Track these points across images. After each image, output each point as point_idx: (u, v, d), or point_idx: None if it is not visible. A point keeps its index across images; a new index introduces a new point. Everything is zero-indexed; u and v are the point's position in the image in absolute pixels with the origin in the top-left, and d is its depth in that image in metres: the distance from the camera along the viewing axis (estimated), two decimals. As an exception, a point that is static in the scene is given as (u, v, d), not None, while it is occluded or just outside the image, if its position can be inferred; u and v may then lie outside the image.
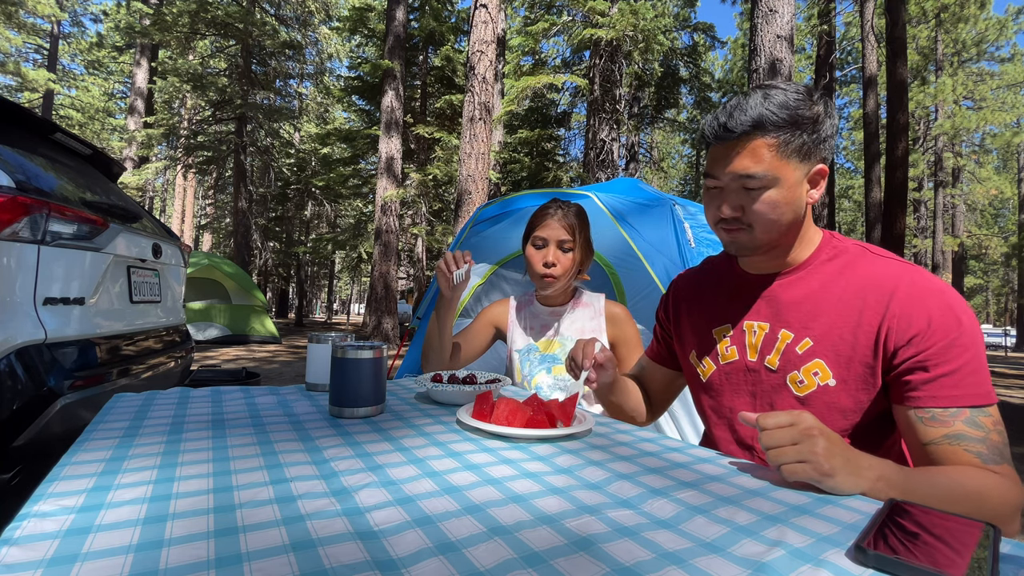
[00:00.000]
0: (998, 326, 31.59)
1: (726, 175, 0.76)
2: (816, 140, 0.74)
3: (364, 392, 0.81)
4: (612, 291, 2.38)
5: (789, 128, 0.72)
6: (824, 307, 0.78)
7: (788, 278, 0.83)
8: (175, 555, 0.36)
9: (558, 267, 1.31)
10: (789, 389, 0.79)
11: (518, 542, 0.41)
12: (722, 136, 0.75)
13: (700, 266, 1.03)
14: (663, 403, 1.11)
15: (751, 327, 0.85)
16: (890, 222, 7.57)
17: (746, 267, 0.89)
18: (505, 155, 11.75)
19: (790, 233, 0.79)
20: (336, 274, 26.29)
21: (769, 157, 0.73)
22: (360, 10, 12.26)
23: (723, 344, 0.88)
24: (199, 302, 8.36)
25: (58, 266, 1.52)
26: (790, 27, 4.80)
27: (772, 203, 0.74)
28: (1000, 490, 0.63)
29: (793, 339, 0.79)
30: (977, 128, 16.52)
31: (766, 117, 0.72)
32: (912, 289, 0.72)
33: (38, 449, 1.36)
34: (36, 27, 19.41)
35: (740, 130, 0.73)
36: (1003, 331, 23.21)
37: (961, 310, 0.69)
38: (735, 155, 0.74)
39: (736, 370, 0.86)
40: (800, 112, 0.73)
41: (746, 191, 0.75)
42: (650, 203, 2.22)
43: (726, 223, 0.79)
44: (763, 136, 0.72)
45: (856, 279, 0.76)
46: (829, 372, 0.76)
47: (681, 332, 0.99)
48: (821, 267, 0.81)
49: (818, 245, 0.82)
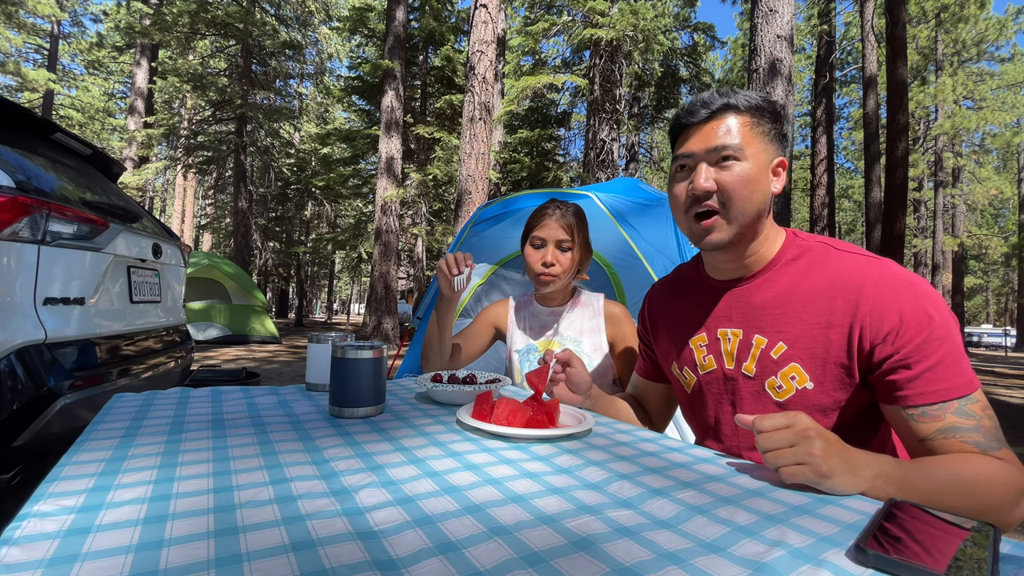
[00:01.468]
0: (998, 326, 31.59)
1: (703, 149, 0.79)
2: (779, 132, 0.81)
3: (364, 392, 0.81)
4: (612, 291, 2.38)
5: (757, 112, 0.80)
6: (794, 308, 0.78)
7: (755, 281, 0.83)
8: (175, 555, 0.36)
9: (556, 267, 1.32)
10: (768, 395, 0.80)
11: (518, 542, 0.41)
12: (697, 113, 0.81)
13: (671, 275, 1.03)
14: (664, 416, 1.10)
15: (725, 334, 0.85)
16: (890, 222, 7.57)
17: (713, 273, 0.90)
18: (505, 155, 11.75)
19: (757, 223, 0.80)
20: (336, 274, 26.29)
21: (742, 132, 0.78)
22: (360, 10, 12.26)
23: (700, 354, 0.89)
24: (199, 302, 8.37)
25: (58, 266, 1.52)
26: (790, 27, 4.80)
27: (746, 177, 0.77)
28: (1001, 476, 0.63)
29: (767, 344, 0.80)
30: (977, 128, 16.53)
31: (738, 99, 0.80)
32: (880, 285, 0.72)
33: (38, 449, 1.36)
34: (36, 27, 19.40)
35: (716, 105, 0.80)
36: (1003, 331, 23.21)
37: (930, 302, 0.70)
38: (711, 130, 0.79)
39: (715, 379, 0.87)
40: (765, 103, 0.81)
41: (720, 166, 0.78)
42: (650, 203, 2.22)
43: (698, 204, 0.80)
44: (736, 114, 0.79)
45: (823, 278, 0.77)
46: (806, 375, 0.76)
47: (661, 344, 0.99)
48: (786, 267, 0.81)
49: (781, 245, 0.83)
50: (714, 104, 0.80)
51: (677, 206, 0.84)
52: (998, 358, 16.66)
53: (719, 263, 0.87)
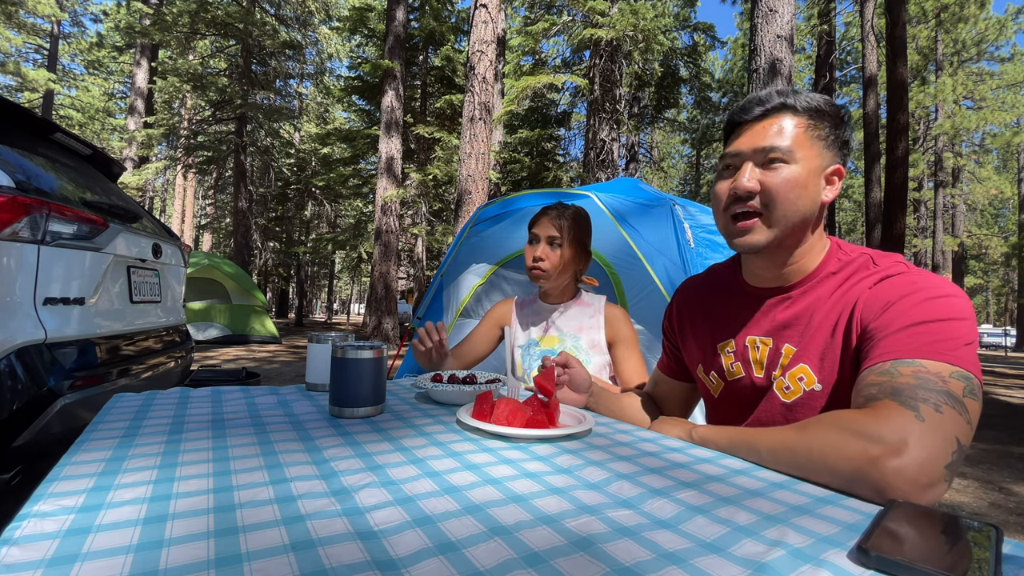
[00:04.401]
0: (998, 326, 31.57)
1: (751, 148, 0.75)
2: (838, 138, 0.76)
3: (364, 392, 0.81)
4: (612, 291, 2.38)
5: (816, 115, 0.75)
6: (815, 318, 0.76)
7: (791, 294, 0.80)
8: (175, 555, 0.36)
9: (545, 262, 1.38)
10: (776, 396, 0.79)
11: (518, 542, 0.41)
12: (752, 110, 0.77)
13: (704, 274, 0.99)
14: (681, 416, 1.07)
15: (754, 342, 0.82)
16: (890, 222, 7.57)
17: (749, 278, 0.86)
18: (505, 155, 11.75)
19: (801, 230, 0.76)
20: (336, 274, 26.29)
21: (795, 134, 0.74)
22: (360, 10, 12.25)
23: (728, 360, 0.86)
24: (199, 302, 8.37)
25: (58, 266, 1.52)
26: (790, 27, 4.80)
27: (792, 181, 0.73)
28: (837, 438, 0.57)
29: (796, 353, 0.77)
30: (977, 128, 16.54)
31: (797, 99, 0.75)
32: (882, 284, 0.71)
33: (38, 449, 1.36)
34: (36, 27, 19.41)
35: (772, 104, 0.76)
36: (1003, 331, 23.20)
37: (930, 285, 0.66)
38: (763, 128, 0.75)
39: (744, 388, 0.84)
40: (827, 106, 0.76)
41: (767, 167, 0.74)
42: (650, 203, 2.22)
43: (740, 204, 0.75)
44: (792, 115, 0.75)
45: (852, 292, 0.74)
46: (814, 377, 0.75)
47: (688, 345, 0.96)
48: (825, 281, 0.78)
49: (823, 257, 0.79)
50: (770, 102, 0.76)
51: (717, 204, 0.80)
52: (998, 358, 16.66)
53: (756, 268, 0.83)
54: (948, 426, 0.55)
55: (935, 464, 0.53)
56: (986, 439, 4.01)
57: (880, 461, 0.53)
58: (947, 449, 0.54)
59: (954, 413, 0.56)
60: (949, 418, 0.55)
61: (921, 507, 0.48)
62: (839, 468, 0.56)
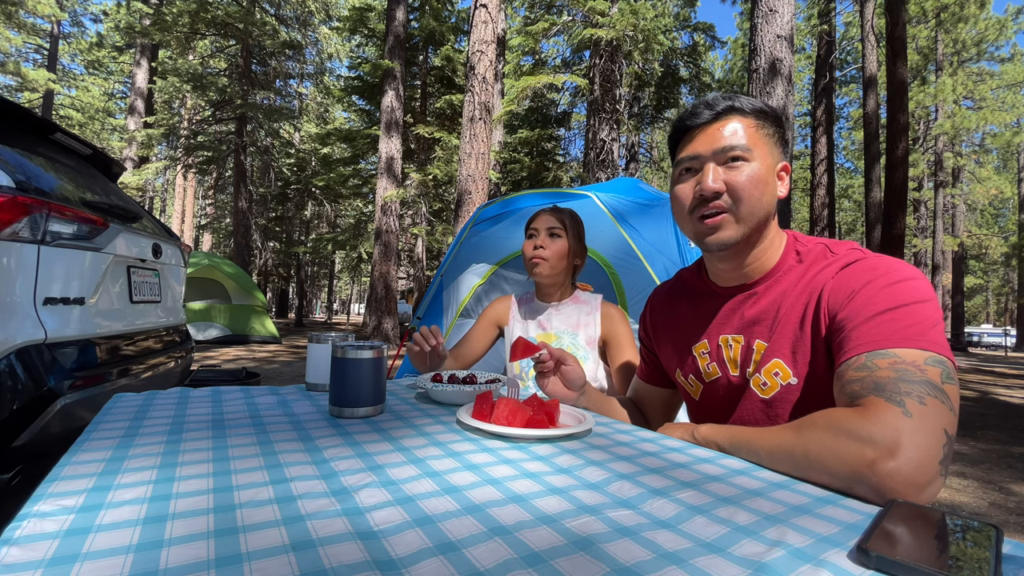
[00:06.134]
0: (998, 326, 31.58)
1: (709, 150, 0.78)
2: (781, 136, 0.81)
3: (364, 392, 0.81)
4: (612, 291, 2.38)
5: (761, 115, 0.79)
6: (783, 311, 0.77)
7: (755, 290, 0.82)
8: (175, 555, 0.36)
9: (546, 250, 1.40)
10: (754, 393, 0.79)
11: (518, 542, 0.41)
12: (701, 115, 0.80)
13: (673, 280, 1.01)
14: (662, 422, 1.07)
15: (726, 341, 0.84)
16: (890, 222, 7.57)
17: (716, 279, 0.88)
18: (505, 155, 11.75)
19: (764, 226, 0.79)
20: (336, 274, 26.29)
21: (748, 134, 0.77)
22: (360, 10, 12.26)
23: (703, 361, 0.88)
24: (199, 302, 8.37)
25: (58, 266, 1.52)
26: (790, 27, 4.81)
27: (755, 177, 0.76)
28: (839, 437, 0.57)
29: (767, 348, 0.79)
30: (977, 128, 16.54)
31: (742, 102, 0.80)
32: (847, 267, 0.72)
33: (38, 449, 1.36)
34: (36, 27, 19.41)
35: (720, 107, 0.79)
36: (1003, 331, 23.20)
37: (891, 270, 0.68)
38: (716, 131, 0.78)
39: (721, 387, 0.86)
40: (767, 108, 0.81)
41: (729, 167, 0.77)
42: (650, 203, 2.22)
43: (706, 205, 0.77)
44: (741, 116, 0.79)
45: (816, 282, 0.76)
46: (788, 371, 0.76)
47: (664, 350, 0.98)
48: (787, 273, 0.80)
49: (783, 252, 0.82)
50: (718, 106, 0.79)
51: (680, 208, 0.82)
52: (998, 358, 16.65)
53: (720, 269, 0.85)
54: (934, 419, 0.55)
55: (929, 463, 0.53)
56: (986, 439, 4.01)
57: (876, 464, 0.54)
58: (938, 444, 0.54)
59: (937, 403, 0.56)
60: (934, 410, 0.56)
61: (921, 507, 0.49)
62: (837, 471, 0.56)
